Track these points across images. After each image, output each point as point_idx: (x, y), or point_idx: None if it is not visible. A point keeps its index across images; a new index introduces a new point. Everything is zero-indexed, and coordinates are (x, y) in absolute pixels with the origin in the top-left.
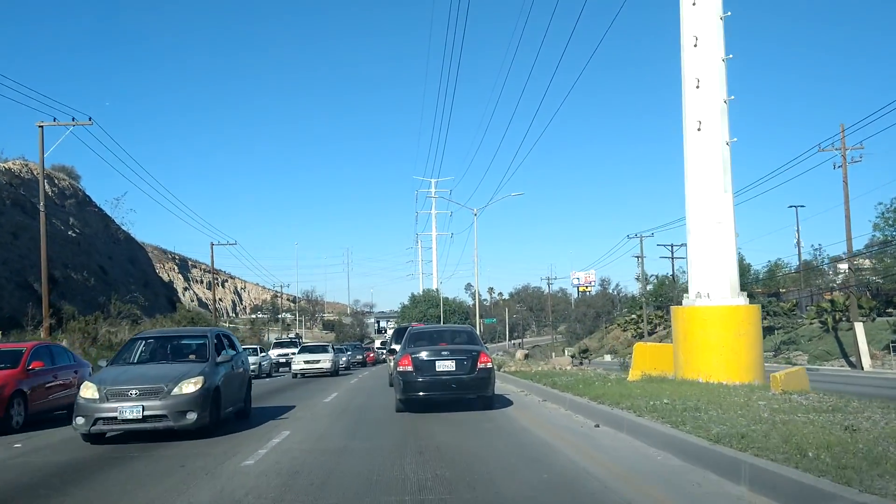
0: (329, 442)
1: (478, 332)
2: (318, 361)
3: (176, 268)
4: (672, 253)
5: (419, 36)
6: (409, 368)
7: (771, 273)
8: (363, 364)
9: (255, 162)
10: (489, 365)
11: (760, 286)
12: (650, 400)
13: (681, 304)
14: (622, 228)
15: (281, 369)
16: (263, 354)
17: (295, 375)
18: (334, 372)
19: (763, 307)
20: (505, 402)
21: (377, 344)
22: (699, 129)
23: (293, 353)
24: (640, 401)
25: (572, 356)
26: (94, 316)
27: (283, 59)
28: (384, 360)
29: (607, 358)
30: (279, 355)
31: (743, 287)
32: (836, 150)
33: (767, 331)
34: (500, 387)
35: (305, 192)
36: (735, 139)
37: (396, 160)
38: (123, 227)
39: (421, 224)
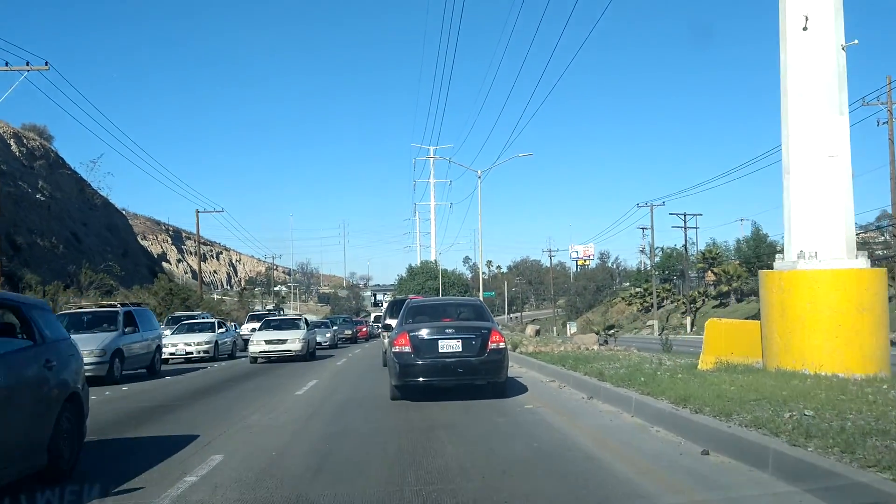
0: (275, 485)
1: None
2: (283, 342)
3: (169, 239)
4: (685, 222)
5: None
6: (407, 349)
7: None
8: (353, 340)
9: (249, 133)
10: (502, 345)
11: None
12: (776, 408)
13: (770, 268)
14: (622, 201)
15: None
16: (223, 330)
17: (254, 360)
18: (308, 354)
19: None
20: (519, 387)
21: (372, 318)
22: (805, 28)
23: None
24: (759, 410)
25: (596, 333)
26: (55, 285)
27: (276, 29)
28: (378, 335)
29: None
30: (253, 330)
31: (759, 259)
32: (882, 104)
33: None
34: (526, 375)
35: (301, 162)
36: (856, 41)
37: (394, 128)
38: (100, 192)
39: (419, 194)
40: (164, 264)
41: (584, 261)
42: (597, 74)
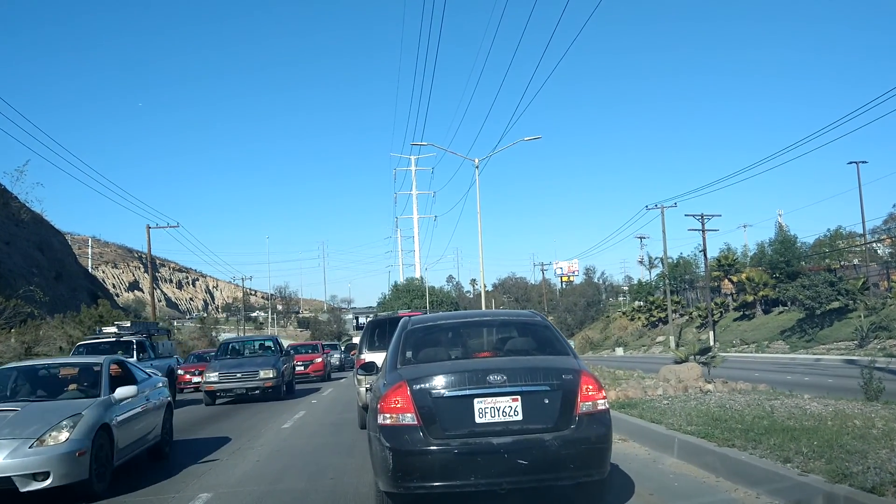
0: None
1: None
2: None
3: (142, 267)
4: (703, 224)
5: None
6: (409, 418)
7: (831, 243)
8: (284, 389)
9: (222, 156)
10: (602, 403)
11: (813, 261)
12: None
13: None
14: (607, 216)
15: None
16: None
17: None
18: None
19: (832, 284)
20: None
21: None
22: None
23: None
24: None
25: (698, 361)
26: None
27: (243, 34)
28: (344, 364)
29: (619, 352)
30: None
31: (788, 263)
32: None
33: (839, 313)
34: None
35: (276, 183)
36: None
37: (371, 143)
38: (29, 206)
39: (400, 207)
40: (137, 293)
41: (569, 277)
42: (582, 79)
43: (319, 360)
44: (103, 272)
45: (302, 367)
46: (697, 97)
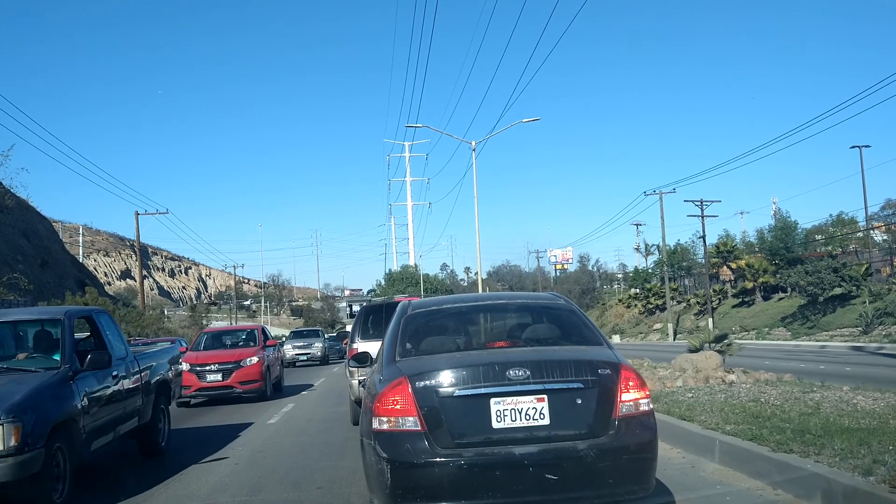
0: None
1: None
2: None
3: (133, 254)
4: (702, 210)
5: None
6: (411, 422)
7: (833, 229)
8: (141, 441)
9: (214, 144)
10: (646, 404)
11: (811, 248)
12: None
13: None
14: (601, 205)
15: None
16: None
17: None
18: None
19: (835, 270)
20: None
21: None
22: None
23: None
24: None
25: (699, 348)
26: None
27: (234, 22)
28: (328, 356)
29: (616, 339)
30: None
31: (788, 249)
32: None
33: (842, 299)
34: None
35: (268, 170)
36: None
37: (365, 129)
38: (14, 192)
39: (394, 194)
40: (129, 281)
41: (563, 265)
42: (578, 66)
43: (255, 359)
44: (95, 260)
45: (219, 377)
46: (695, 84)
